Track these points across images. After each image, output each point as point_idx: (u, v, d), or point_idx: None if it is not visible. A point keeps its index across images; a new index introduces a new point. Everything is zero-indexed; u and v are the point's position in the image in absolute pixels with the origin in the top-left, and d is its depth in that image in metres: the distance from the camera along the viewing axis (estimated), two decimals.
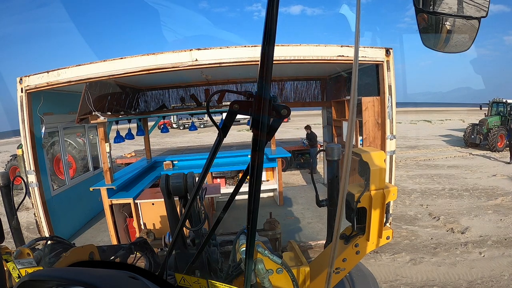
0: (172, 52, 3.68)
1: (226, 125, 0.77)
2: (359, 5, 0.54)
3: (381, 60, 4.07)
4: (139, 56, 3.73)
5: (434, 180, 9.28)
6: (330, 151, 1.96)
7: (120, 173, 5.73)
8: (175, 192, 1.47)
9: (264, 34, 0.59)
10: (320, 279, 1.29)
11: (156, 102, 6.89)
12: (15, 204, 2.68)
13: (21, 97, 3.99)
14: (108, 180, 4.68)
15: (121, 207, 4.79)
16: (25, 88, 3.96)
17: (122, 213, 4.84)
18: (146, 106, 6.87)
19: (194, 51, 3.65)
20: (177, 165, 7.01)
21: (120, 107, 5.69)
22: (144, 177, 5.84)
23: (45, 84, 3.90)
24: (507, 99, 14.68)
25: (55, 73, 3.85)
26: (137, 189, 4.98)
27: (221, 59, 3.65)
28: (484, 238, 5.36)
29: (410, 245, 5.19)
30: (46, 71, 3.90)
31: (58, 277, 0.61)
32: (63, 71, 3.84)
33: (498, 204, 6.99)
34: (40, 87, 3.95)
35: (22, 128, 4.02)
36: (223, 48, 3.67)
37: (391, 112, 4.17)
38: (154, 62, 3.68)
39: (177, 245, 1.49)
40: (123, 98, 5.77)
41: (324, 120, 7.63)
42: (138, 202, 4.42)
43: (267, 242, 3.29)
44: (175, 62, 3.67)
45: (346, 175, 0.67)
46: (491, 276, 4.23)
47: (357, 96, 0.61)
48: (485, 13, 0.74)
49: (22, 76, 3.98)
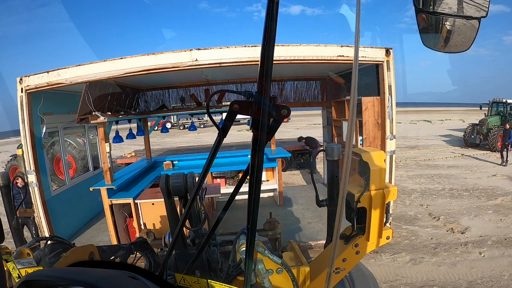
0: (172, 52, 3.67)
1: (226, 125, 0.76)
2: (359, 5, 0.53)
3: (381, 60, 4.07)
4: (139, 56, 3.72)
5: (434, 180, 9.27)
6: (330, 151, 1.95)
7: (120, 173, 5.73)
8: (175, 192, 1.47)
9: (264, 34, 0.58)
10: (320, 279, 1.29)
11: (156, 102, 6.89)
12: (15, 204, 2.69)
13: (21, 97, 3.98)
14: (108, 180, 4.67)
15: (121, 207, 4.78)
16: (25, 88, 3.95)
17: (122, 213, 4.83)
18: (146, 106, 6.87)
19: (194, 51, 3.64)
20: (177, 165, 7.00)
21: (120, 107, 5.68)
22: (144, 177, 5.85)
23: (45, 84, 3.90)
24: (507, 99, 14.69)
25: (55, 73, 3.85)
26: (137, 189, 4.98)
27: (221, 59, 3.65)
28: (484, 238, 5.36)
29: (410, 245, 5.19)
30: (46, 71, 3.90)
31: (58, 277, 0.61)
32: (63, 71, 3.84)
33: (498, 204, 6.99)
34: (40, 87, 3.94)
35: (22, 128, 4.02)
36: (223, 48, 3.66)
37: (391, 112, 4.18)
38: (154, 62, 3.68)
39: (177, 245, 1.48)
40: (123, 98, 5.77)
41: (324, 120, 7.62)
42: (138, 202, 4.42)
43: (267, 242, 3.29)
44: (175, 62, 3.66)
45: (346, 175, 0.66)
46: (491, 276, 4.23)
47: (357, 96, 0.61)
48: (485, 13, 0.73)
49: (22, 76, 3.97)
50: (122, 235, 4.76)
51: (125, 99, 5.88)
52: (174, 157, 7.48)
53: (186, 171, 1.52)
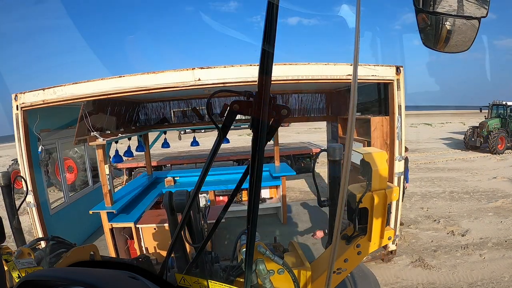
0: (174, 71, 3.50)
1: (226, 125, 0.76)
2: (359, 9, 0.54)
3: (391, 78, 3.92)
4: (138, 74, 3.53)
5: (435, 183, 9.27)
6: (331, 151, 1.95)
7: (120, 192, 5.52)
8: (178, 209, 1.45)
9: (264, 33, 0.58)
10: (322, 280, 1.29)
11: (156, 115, 6.70)
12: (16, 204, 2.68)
13: (16, 115, 3.81)
14: (108, 203, 4.46)
15: (122, 229, 4.61)
16: (21, 105, 3.78)
17: (123, 235, 4.67)
18: (146, 120, 6.67)
19: (197, 70, 3.47)
20: (178, 181, 6.76)
21: (120, 123, 5.47)
22: (145, 196, 5.61)
23: (41, 102, 3.74)
24: (507, 101, 14.73)
25: (51, 90, 3.69)
26: (138, 211, 4.77)
27: (224, 78, 3.49)
28: (484, 240, 5.36)
29: (410, 248, 5.19)
30: (41, 89, 3.74)
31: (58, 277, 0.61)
32: (59, 89, 3.67)
33: (498, 206, 6.99)
34: (36, 105, 3.77)
35: (19, 147, 3.87)
36: (227, 67, 3.51)
37: (400, 132, 4.06)
38: (154, 82, 3.50)
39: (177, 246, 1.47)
40: (122, 113, 5.57)
41: (328, 135, 7.38)
42: (139, 227, 4.28)
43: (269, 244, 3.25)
44: (176, 81, 3.49)
45: (346, 175, 0.67)
46: (492, 278, 4.23)
47: (357, 96, 0.61)
48: (485, 13, 0.73)
49: (18, 93, 3.80)
50: (123, 257, 4.55)
51: (124, 114, 5.68)
52: (176, 173, 7.23)
53: (189, 189, 1.48)
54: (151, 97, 6.05)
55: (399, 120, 4.01)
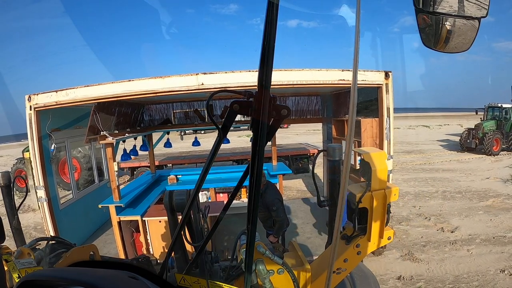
0: (179, 76, 3.79)
1: (226, 125, 0.76)
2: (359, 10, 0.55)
3: (380, 83, 4.20)
4: (147, 79, 3.83)
5: (428, 183, 9.50)
6: (331, 151, 1.94)
7: (126, 189, 5.81)
8: (178, 209, 1.45)
9: (264, 34, 0.58)
10: (321, 280, 1.29)
11: (160, 116, 7.01)
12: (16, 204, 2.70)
13: (29, 115, 4.08)
14: (116, 198, 4.72)
15: (129, 222, 4.86)
16: (34, 106, 4.04)
17: (129, 228, 4.92)
18: (150, 120, 6.99)
19: (200, 75, 3.74)
20: (181, 179, 7.09)
21: (126, 123, 5.80)
22: (150, 192, 5.93)
23: (54, 103, 4.00)
24: (502, 104, 14.94)
25: (64, 92, 3.95)
26: (144, 205, 5.05)
27: (226, 83, 3.76)
28: (473, 236, 5.59)
29: (401, 243, 5.43)
30: (54, 90, 3.99)
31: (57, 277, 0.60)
32: (72, 91, 3.93)
33: (489, 205, 7.22)
34: (49, 106, 4.03)
35: (31, 145, 4.12)
36: (229, 73, 3.79)
37: (389, 133, 4.35)
38: (161, 85, 3.80)
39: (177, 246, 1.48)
40: (129, 114, 5.90)
41: (324, 135, 7.67)
42: (146, 220, 4.52)
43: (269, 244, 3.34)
44: (181, 85, 3.79)
45: (346, 175, 0.67)
46: (477, 271, 4.46)
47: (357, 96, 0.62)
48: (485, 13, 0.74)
49: (31, 94, 4.06)
50: (129, 249, 4.85)
51: (130, 114, 6.01)
52: (178, 171, 7.51)
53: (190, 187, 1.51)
54: (156, 99, 6.31)
55: (387, 121, 4.28)
